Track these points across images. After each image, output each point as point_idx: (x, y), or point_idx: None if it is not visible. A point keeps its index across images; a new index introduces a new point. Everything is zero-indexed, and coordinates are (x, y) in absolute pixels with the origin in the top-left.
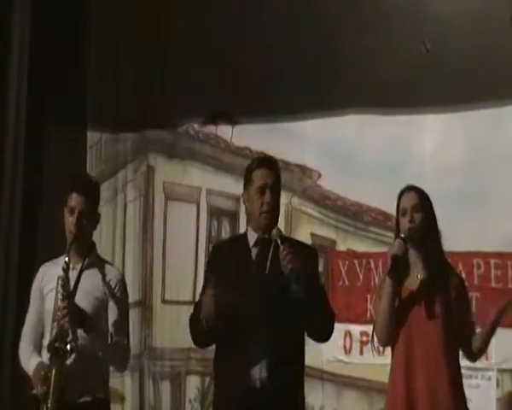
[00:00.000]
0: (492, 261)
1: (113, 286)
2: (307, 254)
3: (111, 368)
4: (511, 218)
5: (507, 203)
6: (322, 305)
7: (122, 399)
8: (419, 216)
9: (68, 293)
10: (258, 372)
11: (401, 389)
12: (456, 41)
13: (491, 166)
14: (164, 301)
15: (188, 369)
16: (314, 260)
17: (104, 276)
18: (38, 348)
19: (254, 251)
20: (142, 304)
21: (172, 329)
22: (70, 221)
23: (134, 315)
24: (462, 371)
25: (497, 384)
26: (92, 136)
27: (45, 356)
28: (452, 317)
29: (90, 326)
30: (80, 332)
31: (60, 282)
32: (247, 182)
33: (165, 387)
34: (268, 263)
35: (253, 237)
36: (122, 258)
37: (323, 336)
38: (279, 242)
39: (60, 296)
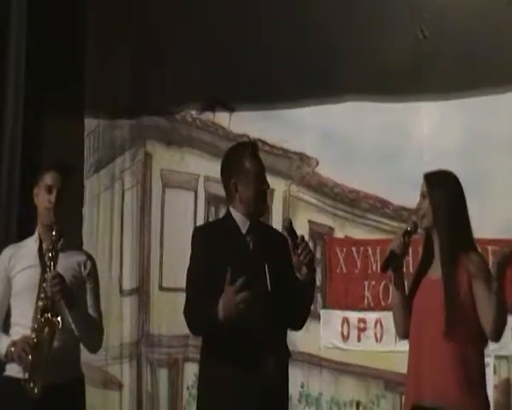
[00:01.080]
0: (490, 248)
1: (88, 267)
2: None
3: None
4: (509, 204)
5: (504, 190)
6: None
7: (120, 386)
8: (426, 202)
9: (56, 264)
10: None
11: (412, 376)
12: (453, 27)
13: (489, 153)
14: (161, 288)
15: (185, 356)
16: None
17: (77, 257)
18: (2, 329)
19: (249, 238)
20: (139, 291)
21: (170, 316)
22: (47, 199)
23: (131, 302)
24: None
25: (494, 371)
26: (89, 123)
27: (15, 335)
28: (464, 300)
29: (72, 302)
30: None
31: (48, 254)
32: (239, 168)
33: (163, 374)
34: (264, 250)
35: (244, 223)
36: (120, 245)
37: (301, 325)
38: (291, 232)
39: (48, 269)
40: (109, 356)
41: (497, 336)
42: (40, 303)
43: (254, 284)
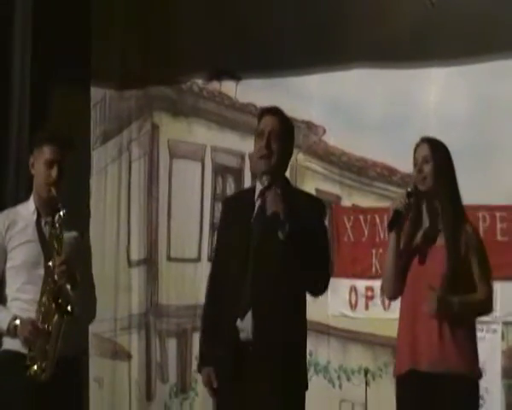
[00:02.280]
0: (498, 214)
1: (82, 240)
2: (310, 204)
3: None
4: None
5: None
6: (315, 256)
7: (129, 356)
8: (429, 166)
9: (62, 247)
10: (249, 324)
11: (405, 341)
12: None
13: (496, 119)
14: (169, 259)
15: (194, 326)
16: (316, 210)
17: (71, 231)
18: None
19: (257, 203)
20: (147, 262)
21: (178, 286)
22: (48, 173)
23: (139, 273)
24: None
25: (502, 337)
26: (96, 93)
27: (14, 309)
28: (459, 269)
29: (76, 284)
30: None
31: (53, 237)
32: (256, 131)
33: (172, 344)
34: (268, 213)
35: (258, 189)
36: (127, 216)
37: (316, 288)
38: (262, 187)
39: (54, 252)
40: (118, 327)
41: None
42: (47, 287)
43: (247, 244)
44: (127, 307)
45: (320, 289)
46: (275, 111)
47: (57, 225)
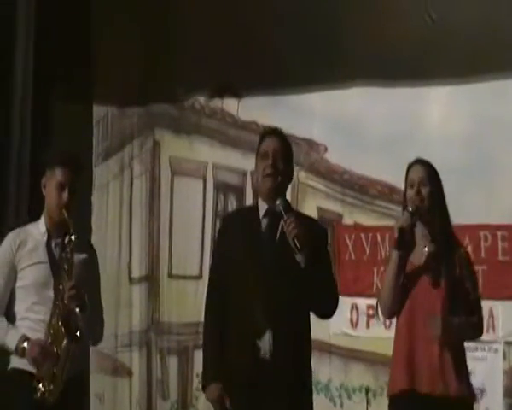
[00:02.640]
0: (499, 234)
1: (92, 261)
2: (316, 229)
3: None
4: None
5: None
6: (328, 280)
7: (129, 374)
8: (426, 189)
9: (72, 271)
10: (266, 343)
11: (403, 361)
12: (461, 11)
13: (498, 137)
14: (170, 276)
15: (195, 343)
16: (322, 236)
17: (81, 253)
18: (5, 314)
19: (264, 222)
20: (148, 279)
21: (179, 303)
22: (59, 196)
23: (141, 290)
24: (470, 344)
25: (504, 357)
26: (98, 111)
27: (23, 328)
28: (456, 291)
29: (85, 307)
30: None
31: (63, 260)
32: (256, 153)
33: (173, 361)
34: (278, 234)
35: (263, 208)
36: (129, 233)
37: (326, 312)
38: (282, 210)
39: (64, 276)
40: (119, 344)
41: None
42: (57, 310)
43: (260, 264)
44: (128, 324)
45: (328, 312)
46: (277, 132)
47: (68, 248)
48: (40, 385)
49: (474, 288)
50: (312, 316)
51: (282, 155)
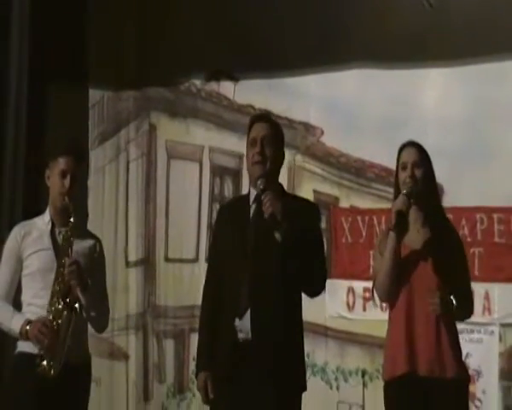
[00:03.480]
0: (496, 216)
1: (97, 250)
2: (301, 207)
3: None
4: None
5: (510, 158)
6: (313, 257)
7: (126, 357)
8: (420, 172)
9: (72, 249)
10: (247, 324)
11: (402, 344)
12: None
13: (494, 121)
14: (167, 260)
15: (191, 327)
16: (310, 214)
17: (87, 241)
18: (16, 307)
19: (253, 208)
20: (145, 262)
21: (176, 287)
22: (61, 184)
23: (137, 273)
24: (466, 326)
25: (500, 339)
26: (94, 95)
27: (29, 314)
28: (451, 274)
29: (86, 286)
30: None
31: (64, 240)
32: (248, 136)
33: (169, 345)
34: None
35: (253, 195)
36: (125, 216)
37: (314, 289)
38: (260, 190)
39: (64, 254)
40: (115, 327)
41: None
42: (57, 288)
43: (245, 249)
44: (125, 308)
45: (317, 290)
46: (265, 118)
47: (67, 227)
48: (42, 361)
49: (466, 271)
50: (308, 300)
51: (270, 140)
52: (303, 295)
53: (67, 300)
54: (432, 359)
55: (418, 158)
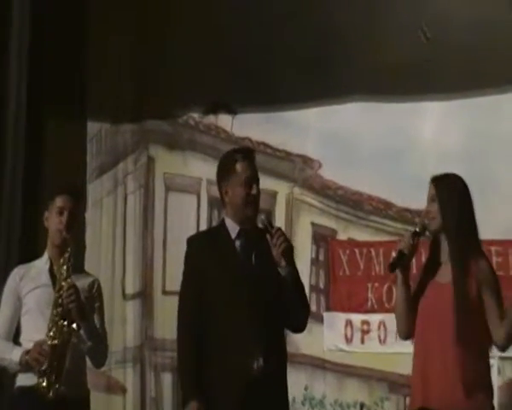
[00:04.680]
0: (493, 249)
1: (95, 287)
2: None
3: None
4: None
5: (508, 190)
6: (302, 294)
7: (123, 390)
8: (434, 206)
9: (70, 276)
10: (256, 362)
11: (418, 376)
12: (456, 28)
13: (493, 153)
14: (165, 292)
15: None
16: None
17: (85, 279)
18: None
19: (237, 243)
20: (142, 295)
21: (173, 320)
22: (58, 220)
23: (135, 306)
24: None
25: (499, 372)
26: (92, 127)
27: (29, 347)
28: (473, 305)
29: (84, 315)
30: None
31: (62, 267)
32: (230, 172)
33: (167, 378)
34: (253, 256)
35: (234, 229)
36: (123, 249)
37: (300, 326)
38: (267, 224)
39: (63, 279)
40: (113, 360)
41: (506, 347)
42: (55, 312)
43: (242, 287)
44: (122, 341)
45: (303, 326)
46: (250, 155)
47: (66, 256)
48: (42, 381)
49: (497, 303)
50: (306, 332)
51: (257, 179)
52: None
53: (65, 322)
54: (443, 393)
55: (434, 192)
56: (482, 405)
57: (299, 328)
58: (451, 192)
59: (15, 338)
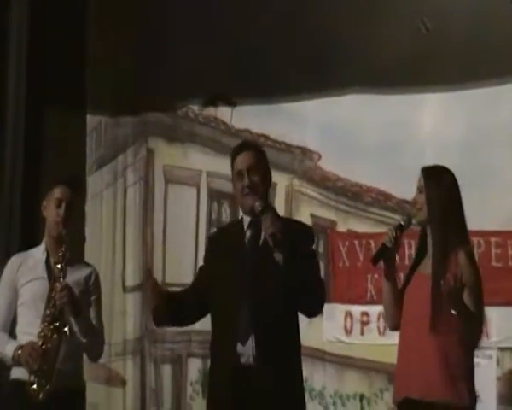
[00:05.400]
0: (493, 240)
1: (92, 279)
2: (297, 229)
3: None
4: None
5: (507, 182)
6: (311, 278)
7: (123, 382)
8: (421, 197)
9: (65, 275)
10: (250, 349)
11: (400, 369)
12: (456, 19)
13: (492, 145)
14: (165, 285)
15: (189, 351)
16: (305, 235)
17: (82, 271)
18: (9, 334)
19: (248, 233)
20: (142, 287)
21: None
22: (56, 212)
23: (135, 298)
24: None
25: (498, 363)
26: (92, 120)
27: (24, 342)
28: (456, 294)
29: (78, 312)
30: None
31: (57, 266)
32: (232, 167)
33: (167, 370)
34: (261, 241)
35: (246, 220)
36: (122, 242)
37: (312, 310)
38: (259, 211)
39: (56, 278)
40: (113, 352)
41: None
42: (48, 312)
43: (243, 275)
44: (122, 333)
45: (315, 310)
46: (247, 147)
47: (60, 254)
48: (33, 384)
49: (474, 296)
50: (306, 324)
51: (256, 169)
52: (300, 320)
53: (57, 324)
54: (424, 383)
55: (422, 183)
56: (462, 393)
57: (311, 312)
58: (438, 184)
59: (11, 329)
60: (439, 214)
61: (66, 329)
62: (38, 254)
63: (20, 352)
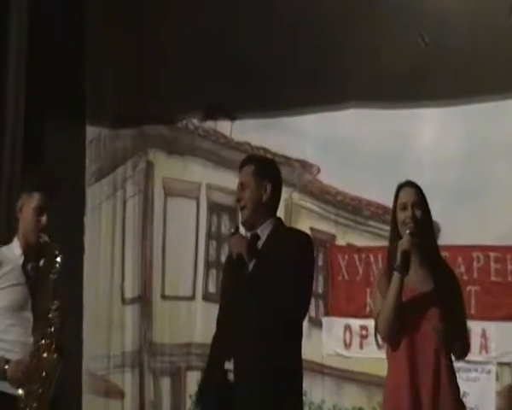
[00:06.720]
0: (492, 255)
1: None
2: (295, 237)
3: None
4: (510, 211)
5: (506, 196)
6: (292, 283)
7: (122, 395)
8: (419, 213)
9: (56, 292)
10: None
11: (405, 387)
12: (454, 34)
13: (491, 159)
14: (163, 297)
15: (188, 364)
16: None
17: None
18: None
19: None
20: (141, 300)
21: (172, 324)
22: (38, 220)
23: (133, 311)
24: (463, 365)
25: (497, 378)
26: (91, 131)
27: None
28: (447, 314)
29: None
30: None
31: (49, 280)
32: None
33: (166, 382)
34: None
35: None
36: (121, 254)
37: (298, 315)
38: (231, 233)
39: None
40: (111, 365)
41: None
42: (38, 330)
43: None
44: (121, 345)
45: (302, 313)
46: (244, 163)
47: (54, 268)
48: (26, 407)
49: (463, 309)
50: (305, 337)
51: (248, 185)
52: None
53: (53, 346)
54: (432, 398)
55: (417, 199)
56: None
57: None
58: (426, 201)
59: None
60: (432, 230)
61: (55, 356)
62: (14, 257)
63: (7, 367)
